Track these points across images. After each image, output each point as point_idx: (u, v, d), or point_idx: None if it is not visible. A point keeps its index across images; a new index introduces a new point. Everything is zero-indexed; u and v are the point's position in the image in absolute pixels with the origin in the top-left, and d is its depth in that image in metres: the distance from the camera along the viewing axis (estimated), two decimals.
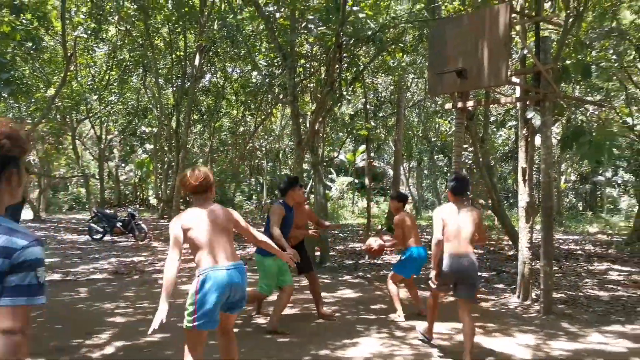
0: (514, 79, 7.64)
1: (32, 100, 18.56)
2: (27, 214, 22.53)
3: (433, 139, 25.66)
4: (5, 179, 1.70)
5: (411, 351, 5.34)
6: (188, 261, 8.91)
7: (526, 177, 7.59)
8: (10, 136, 1.70)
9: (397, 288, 6.76)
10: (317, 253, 11.23)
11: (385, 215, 19.22)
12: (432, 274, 5.09)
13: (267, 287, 6.05)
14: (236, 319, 4.11)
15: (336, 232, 18.13)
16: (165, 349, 5.26)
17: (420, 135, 24.52)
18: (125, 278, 9.56)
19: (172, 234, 3.61)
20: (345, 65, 12.07)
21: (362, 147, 26.29)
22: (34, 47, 14.10)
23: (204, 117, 23.01)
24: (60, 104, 18.99)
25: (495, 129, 21.02)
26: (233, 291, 3.63)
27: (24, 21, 11.97)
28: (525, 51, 7.61)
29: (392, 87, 19.66)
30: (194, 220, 3.67)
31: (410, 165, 27.43)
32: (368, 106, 19.03)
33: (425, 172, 28.25)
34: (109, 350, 5.26)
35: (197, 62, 16.41)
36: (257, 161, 28.11)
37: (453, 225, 4.95)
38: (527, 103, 7.39)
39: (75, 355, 5.10)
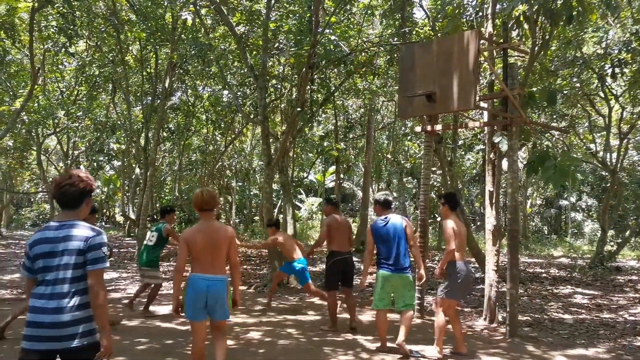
0: (482, 104, 7.78)
1: None
2: None
3: (402, 161, 25.87)
4: (85, 203, 3.09)
5: None
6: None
7: (493, 201, 7.69)
8: (90, 177, 3.08)
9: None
10: None
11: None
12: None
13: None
14: (224, 325, 4.61)
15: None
16: None
17: (390, 157, 24.69)
18: None
19: (180, 245, 4.43)
20: (316, 86, 12.13)
21: (332, 168, 26.35)
22: None
23: (174, 135, 22.76)
24: (26, 117, 18.56)
25: (463, 153, 21.28)
26: (210, 298, 4.33)
27: None
28: (493, 77, 7.76)
29: (362, 109, 19.81)
30: (195, 236, 4.40)
31: (380, 187, 27.57)
32: (338, 128, 19.14)
33: (395, 194, 28.41)
34: None
35: (167, 79, 16.27)
36: (226, 180, 27.85)
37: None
38: (495, 127, 7.52)
39: None
